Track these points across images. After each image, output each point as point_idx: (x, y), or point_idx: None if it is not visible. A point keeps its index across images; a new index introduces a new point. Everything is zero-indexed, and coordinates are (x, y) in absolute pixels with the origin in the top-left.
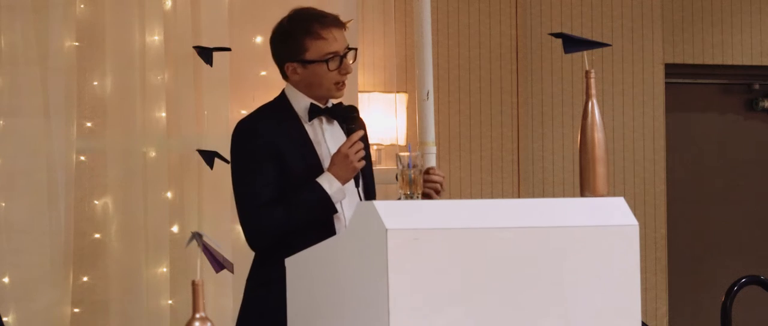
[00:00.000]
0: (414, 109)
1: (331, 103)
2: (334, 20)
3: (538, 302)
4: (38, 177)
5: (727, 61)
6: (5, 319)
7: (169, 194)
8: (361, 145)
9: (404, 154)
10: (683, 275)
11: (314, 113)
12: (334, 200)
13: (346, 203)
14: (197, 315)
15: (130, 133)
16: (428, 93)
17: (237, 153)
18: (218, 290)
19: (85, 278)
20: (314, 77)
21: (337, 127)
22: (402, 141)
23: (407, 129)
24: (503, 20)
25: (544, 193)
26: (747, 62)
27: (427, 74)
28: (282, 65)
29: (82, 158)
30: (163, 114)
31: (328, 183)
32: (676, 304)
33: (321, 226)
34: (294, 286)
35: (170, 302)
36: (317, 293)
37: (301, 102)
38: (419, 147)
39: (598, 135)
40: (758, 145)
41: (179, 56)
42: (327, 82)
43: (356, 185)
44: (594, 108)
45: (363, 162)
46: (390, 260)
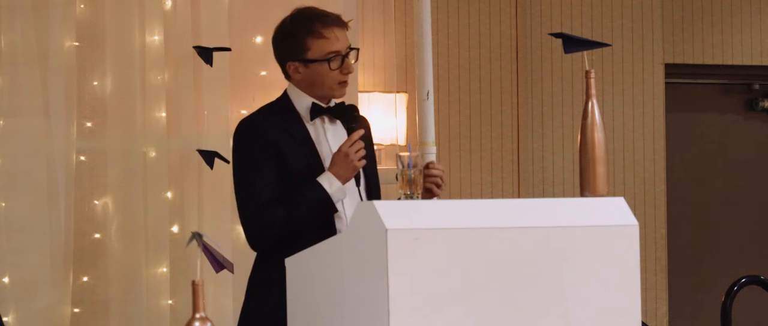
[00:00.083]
0: (414, 109)
1: (334, 103)
2: (337, 20)
3: (538, 302)
4: (38, 177)
5: (727, 61)
6: (5, 319)
7: (169, 194)
8: (362, 144)
9: (404, 154)
10: (683, 275)
11: (316, 112)
12: (335, 199)
13: (348, 202)
14: (197, 315)
15: (130, 133)
16: (428, 93)
17: (238, 152)
18: (218, 290)
19: (85, 278)
20: (316, 76)
21: (340, 127)
22: (402, 141)
23: (407, 129)
24: (503, 20)
25: (544, 193)
26: (747, 62)
27: (427, 74)
28: (284, 64)
29: (82, 158)
30: (163, 114)
31: (329, 182)
32: (676, 304)
33: (321, 226)
34: (294, 286)
35: (170, 302)
36: (317, 293)
37: (303, 101)
38: (419, 147)
39: (598, 135)
40: (758, 145)
41: (179, 56)
42: (329, 82)
43: (357, 184)
44: (594, 108)
45: (363, 161)
46: (390, 260)
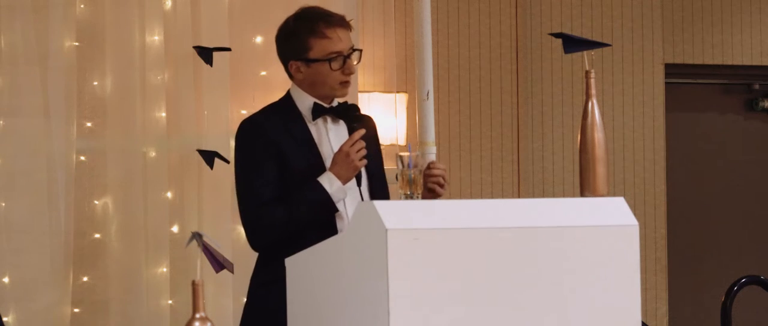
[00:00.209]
0: (414, 109)
1: (337, 103)
2: (340, 20)
3: (538, 302)
4: (38, 177)
5: (727, 61)
6: (5, 319)
7: (169, 194)
8: (363, 144)
9: (404, 154)
10: (683, 275)
11: (318, 112)
12: (335, 199)
13: (349, 202)
14: (197, 315)
15: (130, 133)
16: (428, 93)
17: (239, 152)
18: (218, 290)
19: (85, 278)
20: (317, 76)
21: (343, 127)
22: (402, 141)
23: (407, 129)
24: (503, 20)
25: (544, 193)
26: (747, 62)
27: (427, 74)
28: (286, 63)
29: (82, 158)
30: (163, 114)
31: (329, 182)
32: (676, 304)
33: (322, 226)
34: (294, 286)
35: (170, 302)
36: (317, 293)
37: (305, 101)
38: (419, 147)
39: (598, 135)
40: (758, 145)
41: (179, 56)
42: (330, 82)
43: (358, 184)
44: (594, 108)
45: (364, 161)
46: (390, 260)
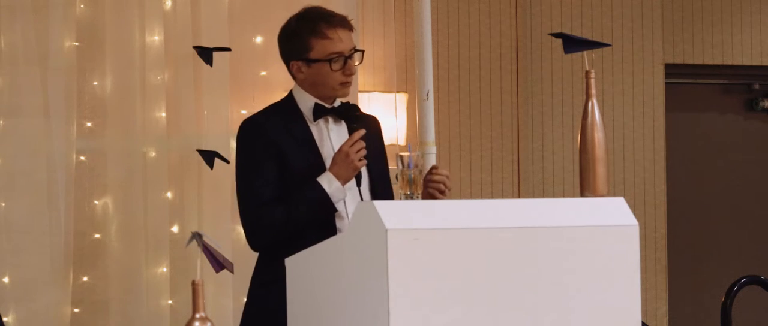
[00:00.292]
0: (414, 109)
1: (339, 103)
2: (342, 21)
3: (538, 302)
4: (38, 177)
5: (727, 61)
6: (5, 319)
7: (169, 194)
8: (363, 144)
9: (404, 154)
10: (683, 275)
11: (319, 113)
12: (334, 199)
13: (349, 202)
14: (197, 315)
15: (130, 133)
16: (428, 93)
17: (240, 152)
18: (218, 290)
19: (85, 278)
20: (318, 76)
21: (345, 127)
22: (402, 141)
23: (407, 129)
24: (503, 20)
25: (544, 193)
26: (747, 62)
27: (427, 74)
28: (288, 63)
29: (82, 158)
30: (163, 114)
31: (328, 182)
32: (676, 304)
33: (322, 226)
34: (294, 286)
35: (170, 302)
36: (317, 293)
37: (307, 101)
38: (419, 147)
39: (598, 135)
40: (758, 145)
41: (179, 56)
42: (331, 82)
43: (358, 184)
44: (594, 108)
45: (364, 161)
46: (390, 260)
